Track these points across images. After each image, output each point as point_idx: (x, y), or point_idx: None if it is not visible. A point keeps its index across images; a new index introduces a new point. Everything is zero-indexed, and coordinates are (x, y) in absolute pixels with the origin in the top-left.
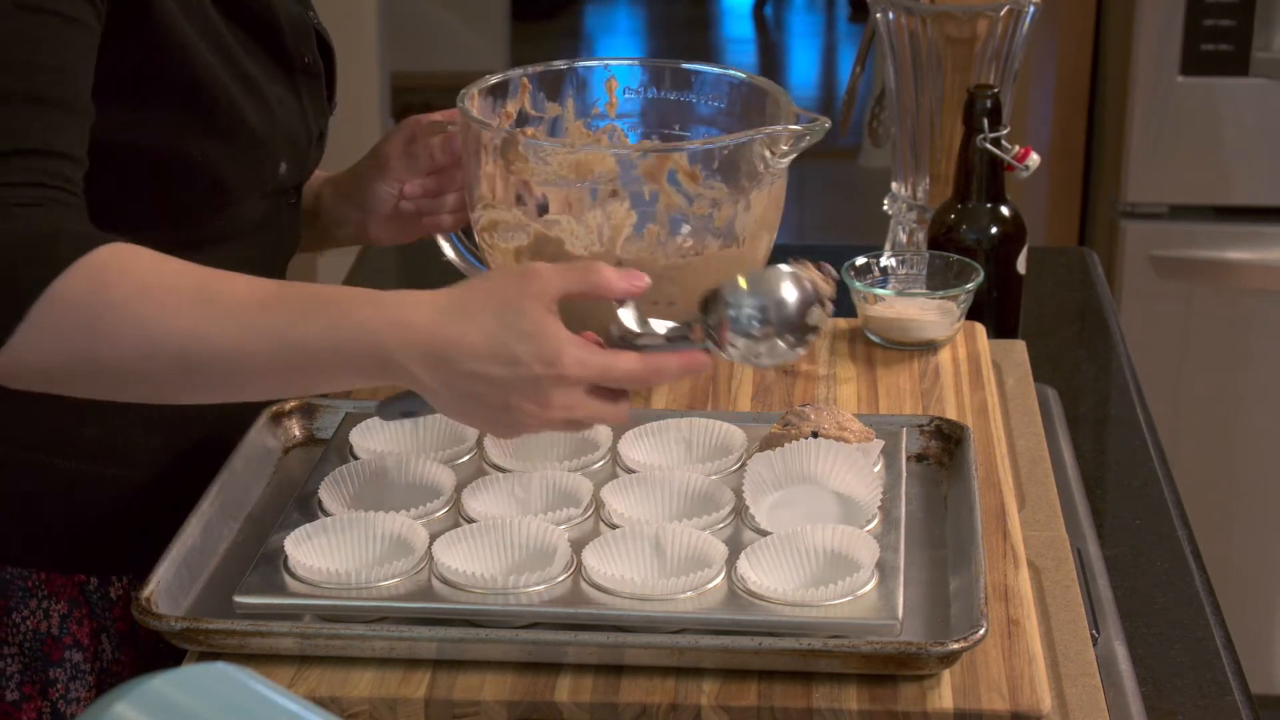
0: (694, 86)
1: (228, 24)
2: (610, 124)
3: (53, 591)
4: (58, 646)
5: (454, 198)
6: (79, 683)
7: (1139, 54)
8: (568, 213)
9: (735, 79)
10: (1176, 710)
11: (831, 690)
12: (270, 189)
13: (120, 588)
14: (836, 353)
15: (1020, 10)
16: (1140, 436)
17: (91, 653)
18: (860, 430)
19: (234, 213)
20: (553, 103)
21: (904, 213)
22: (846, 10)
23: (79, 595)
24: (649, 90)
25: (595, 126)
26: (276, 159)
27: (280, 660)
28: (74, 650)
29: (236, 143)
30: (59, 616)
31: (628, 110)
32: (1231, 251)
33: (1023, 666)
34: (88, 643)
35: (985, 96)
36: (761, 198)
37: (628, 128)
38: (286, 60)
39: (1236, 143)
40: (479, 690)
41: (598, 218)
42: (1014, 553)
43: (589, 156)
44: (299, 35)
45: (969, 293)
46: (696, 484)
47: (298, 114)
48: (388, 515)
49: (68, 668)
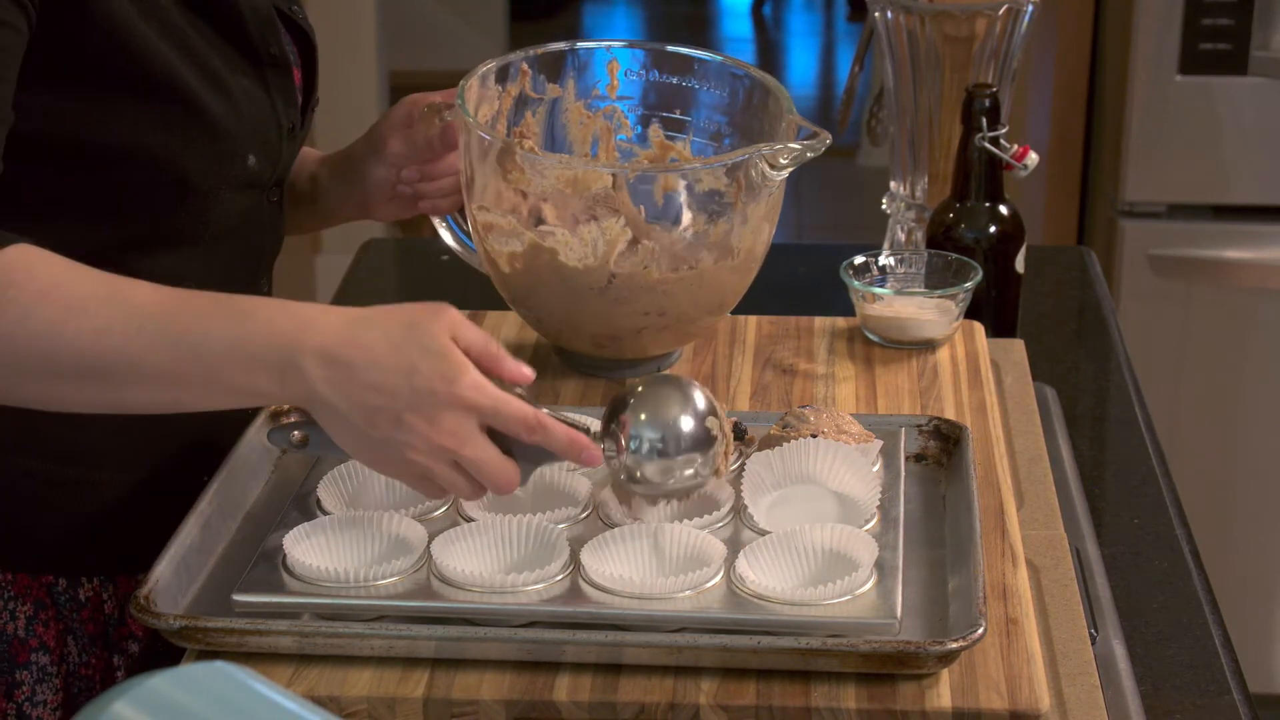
0: (695, 72)
1: (186, 15)
2: (611, 104)
3: (19, 592)
4: (24, 649)
5: (451, 181)
6: (45, 685)
7: (1137, 53)
8: (564, 220)
9: (738, 71)
10: (1175, 709)
11: (830, 689)
12: (240, 183)
13: (90, 589)
14: (835, 352)
15: (1019, 9)
16: (1139, 435)
17: (58, 655)
18: (859, 433)
19: (203, 207)
20: (553, 84)
21: (902, 212)
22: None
23: (46, 597)
24: (650, 73)
25: (596, 107)
26: (243, 152)
27: (279, 659)
28: (40, 653)
29: (197, 135)
30: (25, 618)
31: (629, 93)
32: (1230, 250)
33: (1021, 666)
34: (54, 645)
35: (984, 95)
36: (758, 210)
37: (628, 109)
38: (252, 52)
39: (1235, 142)
40: (477, 689)
41: (593, 232)
42: (1012, 552)
43: (585, 173)
44: (263, 26)
45: (967, 292)
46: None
47: (266, 106)
48: (386, 514)
49: (34, 670)
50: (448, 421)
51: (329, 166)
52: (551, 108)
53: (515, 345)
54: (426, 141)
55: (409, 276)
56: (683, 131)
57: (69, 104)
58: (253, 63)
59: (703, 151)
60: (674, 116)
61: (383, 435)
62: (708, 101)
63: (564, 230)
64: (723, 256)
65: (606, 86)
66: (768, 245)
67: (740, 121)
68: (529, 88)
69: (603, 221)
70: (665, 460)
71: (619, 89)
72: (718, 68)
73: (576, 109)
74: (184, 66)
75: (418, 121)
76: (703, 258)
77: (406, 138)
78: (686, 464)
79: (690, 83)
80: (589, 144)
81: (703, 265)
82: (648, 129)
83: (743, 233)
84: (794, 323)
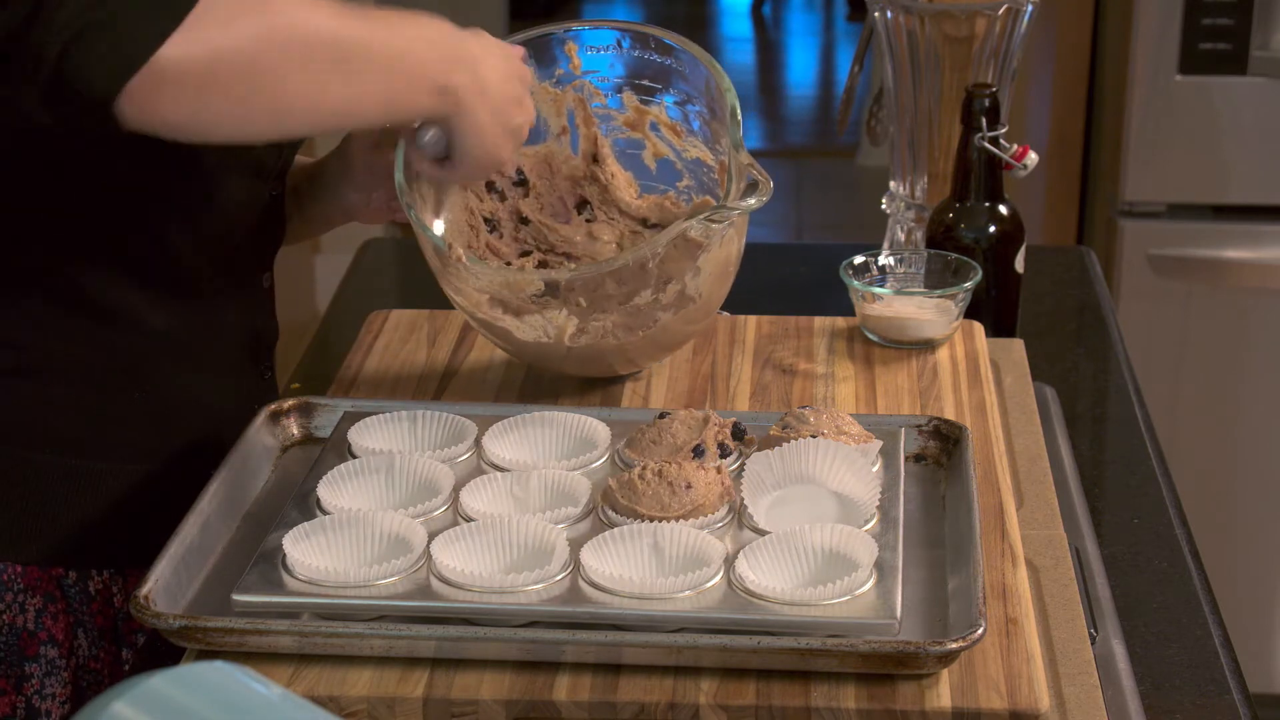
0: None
1: None
2: (578, 79)
3: (29, 585)
4: (33, 641)
5: None
6: (54, 678)
7: (1137, 53)
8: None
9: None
10: (1174, 709)
11: (830, 689)
12: (245, 168)
13: (100, 582)
14: (834, 352)
15: (1019, 9)
16: (1138, 435)
17: (67, 648)
18: (859, 434)
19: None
20: None
21: (902, 211)
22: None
23: (56, 590)
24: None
25: (563, 85)
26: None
27: (278, 659)
28: (49, 646)
29: None
30: (34, 611)
31: (593, 67)
32: (1229, 250)
33: (1021, 665)
34: (63, 638)
35: (983, 95)
36: (712, 258)
37: (597, 80)
38: None
39: (1234, 142)
40: (477, 689)
41: (540, 321)
42: (1012, 552)
43: (519, 280)
44: None
45: (967, 291)
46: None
47: None
48: (386, 514)
49: (43, 663)
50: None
51: (308, 179)
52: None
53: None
54: (388, 170)
55: (409, 276)
56: (655, 97)
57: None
58: None
59: (677, 116)
60: (647, 85)
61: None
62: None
63: (511, 317)
64: (681, 306)
65: (570, 65)
66: (740, 252)
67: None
68: None
69: (546, 313)
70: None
71: (582, 66)
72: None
73: (543, 90)
74: None
75: (381, 144)
76: (660, 316)
77: (371, 165)
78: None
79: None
80: (564, 116)
81: (662, 322)
82: (621, 95)
83: (698, 282)
84: (794, 323)
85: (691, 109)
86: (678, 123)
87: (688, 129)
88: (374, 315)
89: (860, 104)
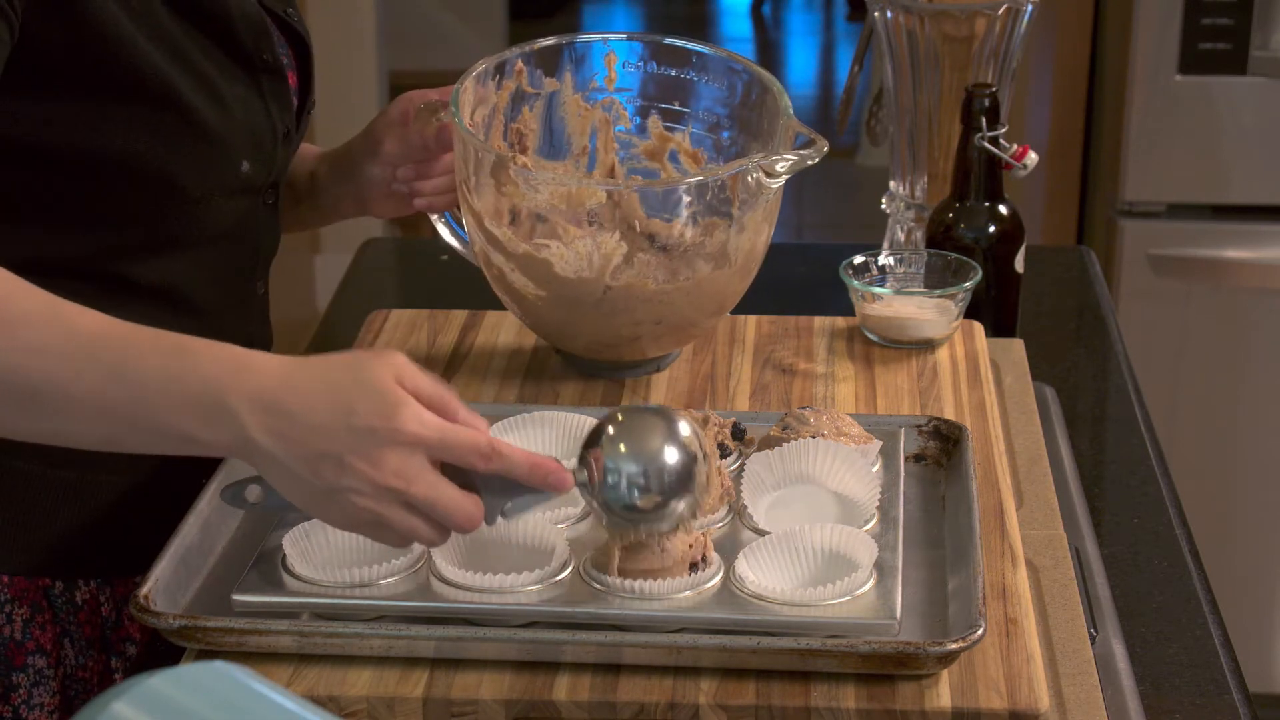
0: (694, 64)
1: (179, 23)
2: (609, 97)
3: (15, 595)
4: (20, 651)
5: (447, 180)
6: (42, 688)
7: (1137, 52)
8: (560, 231)
9: (736, 65)
10: (1174, 709)
11: (829, 689)
12: (233, 189)
13: (87, 592)
14: (834, 352)
15: (1018, 9)
16: (1138, 435)
17: (55, 658)
18: (860, 434)
19: (196, 213)
20: (550, 78)
21: (902, 211)
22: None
23: (42, 599)
24: (649, 65)
25: (594, 99)
26: (236, 158)
27: (278, 659)
28: (37, 655)
29: (189, 141)
30: (22, 621)
31: (627, 84)
32: (1229, 250)
33: (1021, 665)
34: (51, 648)
35: (983, 95)
36: (755, 216)
37: (626, 100)
38: (245, 59)
39: (1234, 141)
40: (477, 689)
41: (587, 245)
42: (1012, 552)
43: (580, 190)
44: (256, 33)
45: (967, 291)
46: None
47: (260, 113)
48: None
49: (30, 673)
50: (391, 460)
51: (327, 164)
52: (549, 101)
53: (514, 346)
54: (422, 141)
55: (409, 276)
56: (681, 123)
57: (60, 111)
58: (246, 69)
59: (701, 143)
60: (672, 108)
61: (327, 484)
62: (706, 94)
63: (559, 244)
64: (720, 264)
65: (604, 79)
66: (767, 245)
67: (739, 115)
68: (525, 83)
69: (598, 236)
70: (642, 496)
71: (616, 81)
72: (716, 61)
73: (574, 101)
74: (176, 73)
75: (413, 120)
76: (699, 267)
77: (402, 137)
78: (664, 503)
79: (688, 74)
80: (587, 136)
81: (700, 274)
82: (646, 120)
83: (740, 240)
84: (793, 322)
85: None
86: (699, 151)
87: (709, 156)
88: (374, 315)
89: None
